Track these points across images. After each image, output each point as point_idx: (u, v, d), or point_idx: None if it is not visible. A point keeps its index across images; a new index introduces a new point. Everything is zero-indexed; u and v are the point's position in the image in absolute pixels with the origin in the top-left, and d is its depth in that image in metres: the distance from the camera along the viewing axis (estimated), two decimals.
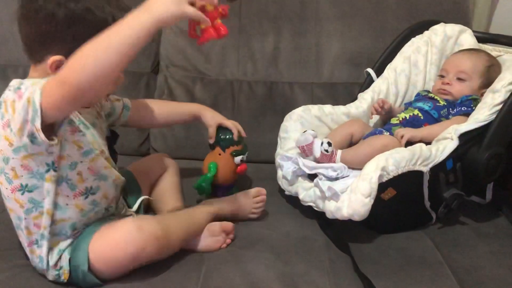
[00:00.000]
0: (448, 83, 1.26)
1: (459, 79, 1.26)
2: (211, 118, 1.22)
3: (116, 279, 0.91)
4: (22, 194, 0.87)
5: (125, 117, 1.16)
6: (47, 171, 0.86)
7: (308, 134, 1.16)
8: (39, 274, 0.93)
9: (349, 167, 1.15)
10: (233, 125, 1.21)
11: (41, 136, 0.79)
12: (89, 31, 0.79)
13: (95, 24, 0.83)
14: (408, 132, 1.16)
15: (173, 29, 1.55)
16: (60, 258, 0.91)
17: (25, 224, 0.90)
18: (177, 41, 1.55)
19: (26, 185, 0.87)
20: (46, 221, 0.89)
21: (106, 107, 1.11)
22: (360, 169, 1.06)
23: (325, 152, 1.15)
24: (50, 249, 0.91)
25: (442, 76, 1.30)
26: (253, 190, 1.15)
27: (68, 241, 0.92)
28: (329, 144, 1.16)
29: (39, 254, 0.91)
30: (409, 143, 1.14)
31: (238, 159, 1.19)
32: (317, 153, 1.15)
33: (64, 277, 0.91)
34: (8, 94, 0.81)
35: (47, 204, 0.88)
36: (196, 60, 1.55)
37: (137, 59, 1.55)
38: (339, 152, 1.16)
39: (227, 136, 1.19)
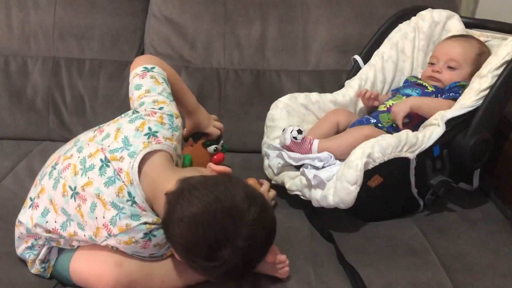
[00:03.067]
0: (438, 71, 1.24)
1: (449, 67, 1.24)
2: (207, 118, 1.20)
3: None
4: None
5: None
6: None
7: (288, 133, 1.13)
8: (21, 263, 0.92)
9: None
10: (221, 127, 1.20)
11: None
12: None
13: None
14: (403, 107, 1.13)
15: (157, 16, 1.53)
16: (50, 251, 0.91)
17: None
18: (161, 29, 1.52)
19: None
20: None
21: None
22: (344, 159, 1.04)
23: (294, 140, 1.12)
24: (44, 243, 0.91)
25: (432, 64, 1.28)
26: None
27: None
28: (299, 131, 1.12)
29: (33, 245, 0.91)
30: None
31: (211, 148, 1.17)
32: (287, 140, 1.13)
33: (48, 271, 0.91)
34: None
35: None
36: (181, 48, 1.52)
37: (121, 48, 1.52)
38: (316, 141, 1.14)
39: None
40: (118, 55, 1.52)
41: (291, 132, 1.12)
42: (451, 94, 1.20)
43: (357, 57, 1.38)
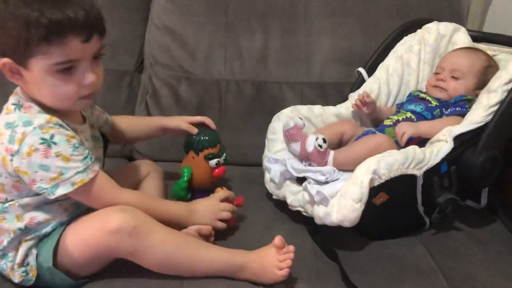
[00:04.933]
0: (442, 79, 1.22)
1: (453, 77, 1.21)
2: (174, 119, 1.20)
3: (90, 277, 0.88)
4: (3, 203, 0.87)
5: (104, 130, 1.09)
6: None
7: (291, 120, 1.11)
8: (4, 279, 0.88)
9: (339, 169, 1.10)
10: (202, 119, 1.18)
11: None
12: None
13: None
14: (409, 130, 1.10)
15: (158, 26, 1.50)
16: (27, 254, 0.87)
17: None
18: (162, 39, 1.50)
19: (11, 200, 0.87)
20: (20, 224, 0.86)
21: (93, 117, 1.05)
22: (352, 171, 1.01)
23: (319, 148, 1.07)
24: (18, 245, 0.87)
25: (437, 73, 1.25)
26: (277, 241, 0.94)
27: (38, 238, 0.88)
28: (324, 140, 1.08)
29: (5, 252, 0.87)
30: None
31: (213, 162, 1.13)
32: (310, 148, 1.08)
33: (32, 274, 0.87)
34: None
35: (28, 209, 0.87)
36: (181, 58, 1.49)
37: (120, 57, 1.50)
38: (332, 152, 1.10)
39: (201, 138, 1.14)
40: (117, 65, 1.49)
41: (316, 139, 1.08)
42: (457, 109, 1.17)
43: (361, 70, 1.35)
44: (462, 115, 1.14)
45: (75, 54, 0.81)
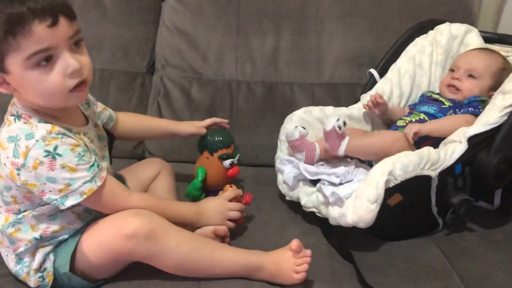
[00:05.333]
0: (457, 79, 1.22)
1: (470, 76, 1.21)
2: (183, 125, 1.19)
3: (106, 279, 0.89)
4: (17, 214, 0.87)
5: (108, 127, 1.08)
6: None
7: (296, 130, 1.11)
8: (20, 283, 0.89)
9: (348, 156, 1.10)
10: (211, 120, 1.19)
11: None
12: None
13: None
14: (415, 126, 1.10)
15: (169, 27, 1.50)
16: (44, 260, 0.87)
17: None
18: (173, 40, 1.50)
19: (25, 210, 0.86)
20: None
21: (95, 116, 1.04)
22: (365, 162, 1.00)
23: (338, 130, 1.07)
24: (35, 250, 0.87)
25: (452, 71, 1.25)
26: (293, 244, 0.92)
27: (55, 244, 0.88)
28: (345, 123, 1.08)
29: (21, 257, 0.87)
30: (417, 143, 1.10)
31: (227, 162, 1.14)
32: (329, 126, 1.07)
33: (49, 279, 0.87)
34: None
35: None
36: (192, 59, 1.49)
37: (132, 58, 1.50)
38: (347, 138, 1.09)
39: (215, 139, 1.14)
40: (129, 66, 1.50)
41: (338, 120, 1.07)
42: (470, 109, 1.17)
43: (373, 71, 1.35)
44: (475, 115, 1.14)
45: (45, 41, 0.76)
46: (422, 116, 1.20)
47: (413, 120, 1.20)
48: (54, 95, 0.80)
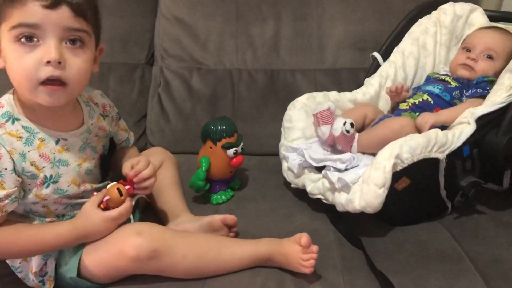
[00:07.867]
0: (474, 59, 1.19)
1: (488, 56, 1.18)
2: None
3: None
4: None
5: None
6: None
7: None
8: (21, 282, 0.87)
9: (361, 152, 1.08)
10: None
11: None
12: None
13: None
14: (431, 119, 1.08)
15: (167, 17, 1.48)
16: (45, 263, 0.85)
17: None
18: (171, 30, 1.48)
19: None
20: None
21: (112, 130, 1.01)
22: (373, 154, 0.99)
23: (346, 133, 1.06)
24: None
25: (467, 51, 1.21)
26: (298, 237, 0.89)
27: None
28: (352, 125, 1.06)
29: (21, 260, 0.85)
30: None
31: (231, 151, 1.12)
32: (337, 132, 1.06)
33: (49, 285, 0.85)
34: None
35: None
36: (192, 49, 1.47)
37: (131, 50, 1.48)
38: (357, 135, 1.08)
39: (218, 128, 1.12)
40: (128, 58, 1.48)
41: (344, 124, 1.05)
42: (478, 91, 1.15)
43: (376, 54, 1.33)
44: (483, 96, 1.11)
45: (33, 17, 0.74)
46: (425, 96, 1.18)
47: (416, 101, 1.17)
48: (21, 80, 0.77)
